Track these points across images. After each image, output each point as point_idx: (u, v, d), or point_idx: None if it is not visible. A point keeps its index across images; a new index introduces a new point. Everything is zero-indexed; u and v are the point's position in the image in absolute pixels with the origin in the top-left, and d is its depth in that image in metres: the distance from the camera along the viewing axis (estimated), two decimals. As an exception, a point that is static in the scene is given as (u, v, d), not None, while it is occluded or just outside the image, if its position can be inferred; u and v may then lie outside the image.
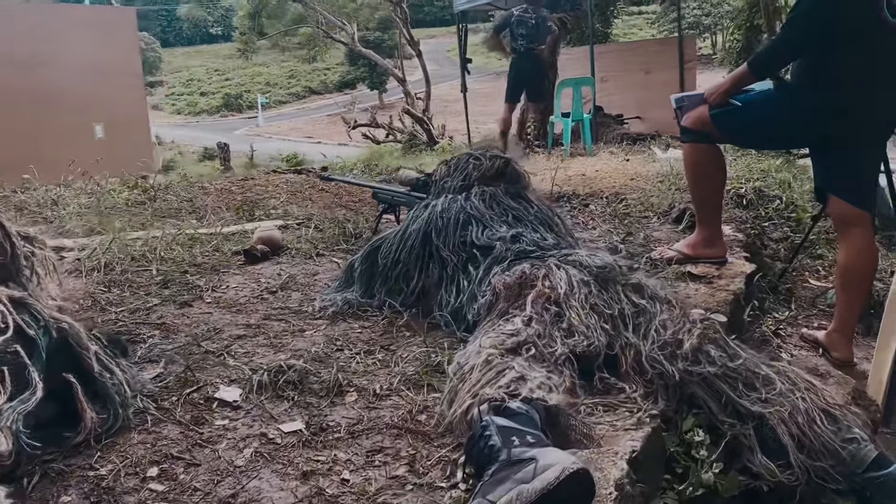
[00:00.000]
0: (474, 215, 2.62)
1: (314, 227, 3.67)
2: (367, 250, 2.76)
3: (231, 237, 3.47)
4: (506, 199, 2.76)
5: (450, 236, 2.57)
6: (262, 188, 4.67)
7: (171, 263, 3.02)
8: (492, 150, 2.88)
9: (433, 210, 2.67)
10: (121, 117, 7.11)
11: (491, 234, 2.55)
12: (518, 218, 2.69)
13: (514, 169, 2.80)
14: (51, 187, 4.34)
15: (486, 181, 2.77)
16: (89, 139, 6.88)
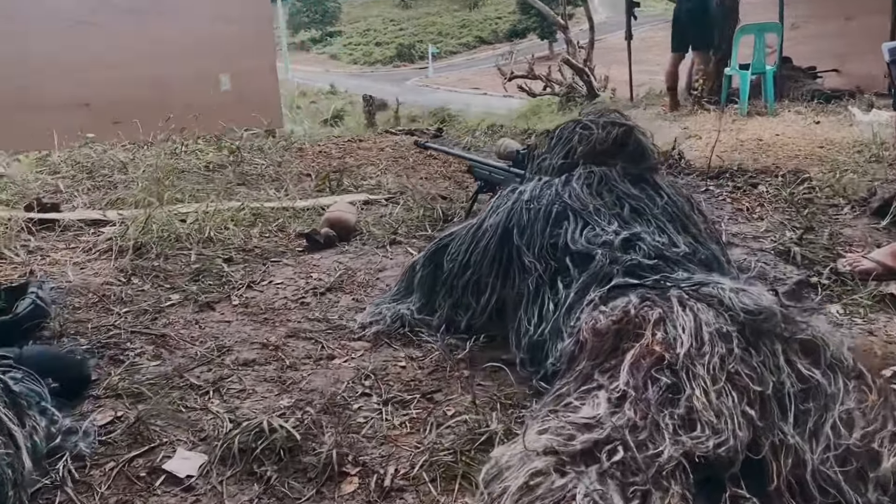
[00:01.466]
0: (573, 207, 1.92)
1: (402, 205, 3.08)
2: (431, 248, 2.17)
3: (302, 213, 2.97)
4: (622, 183, 2.03)
5: (535, 236, 1.90)
6: (366, 152, 4.15)
7: (218, 246, 2.56)
8: (609, 114, 2.13)
9: (518, 198, 1.99)
10: (248, 68, 6.88)
11: (593, 236, 1.85)
12: (637, 212, 1.96)
13: (637, 141, 2.05)
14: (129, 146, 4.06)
15: (596, 158, 2.05)
16: (215, 90, 6.70)
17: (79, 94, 5.99)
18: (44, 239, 2.62)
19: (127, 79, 6.16)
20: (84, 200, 3.01)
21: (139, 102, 5.96)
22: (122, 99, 6.01)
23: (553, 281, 1.79)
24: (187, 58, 6.52)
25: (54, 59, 5.87)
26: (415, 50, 41.61)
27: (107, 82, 6.09)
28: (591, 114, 2.11)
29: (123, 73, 6.15)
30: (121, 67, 6.15)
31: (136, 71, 6.22)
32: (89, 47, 6.04)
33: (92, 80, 6.04)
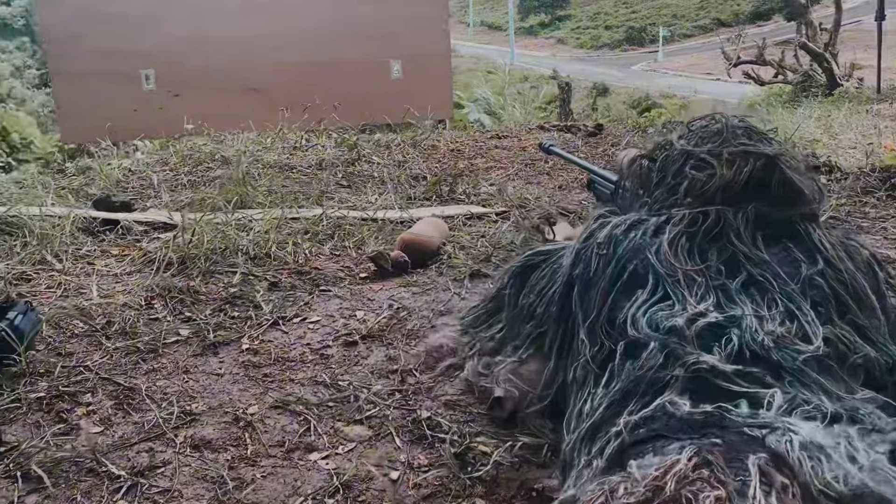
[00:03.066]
0: (655, 267, 1.28)
1: (512, 222, 2.51)
2: (517, 265, 1.69)
3: (391, 227, 2.51)
4: (746, 238, 1.35)
5: (594, 300, 1.31)
6: (502, 151, 3.61)
7: (271, 266, 2.18)
8: (747, 128, 1.45)
9: (588, 243, 1.39)
10: (420, 55, 6.56)
11: (664, 316, 1.22)
12: (758, 284, 1.29)
13: (784, 178, 1.35)
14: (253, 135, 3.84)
15: (718, 198, 1.38)
16: (385, 77, 6.47)
17: (248, 78, 6.03)
18: (102, 242, 2.40)
19: (296, 64, 6.11)
20: (165, 199, 2.78)
21: (307, 88, 5.86)
22: (291, 85, 5.97)
23: (602, 371, 1.20)
24: (358, 43, 6.35)
25: (225, 43, 5.94)
26: (645, 33, 40.27)
27: (276, 67, 6.07)
28: (707, 133, 1.43)
29: (293, 57, 6.09)
30: (290, 51, 6.10)
31: (306, 56, 6.14)
32: (259, 31, 6.05)
33: (261, 64, 6.04)
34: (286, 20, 6.16)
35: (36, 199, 2.63)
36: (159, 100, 5.88)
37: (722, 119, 1.52)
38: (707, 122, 1.55)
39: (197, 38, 5.91)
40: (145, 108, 5.77)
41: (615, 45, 40.82)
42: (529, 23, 45.68)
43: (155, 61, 5.90)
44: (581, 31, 43.38)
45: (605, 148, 3.56)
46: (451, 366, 1.63)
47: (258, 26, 6.08)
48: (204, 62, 5.92)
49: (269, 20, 6.12)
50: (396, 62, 6.56)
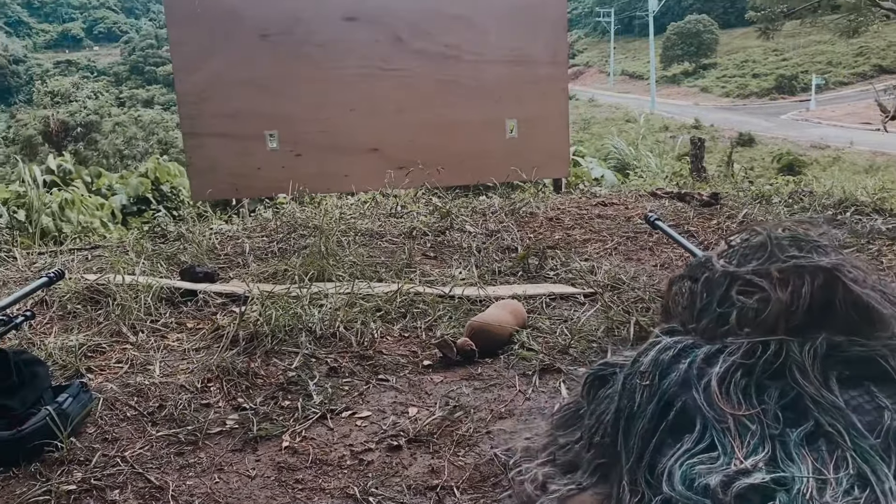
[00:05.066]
0: (703, 410, 1.09)
1: (601, 306, 2.30)
2: (590, 375, 1.50)
3: (464, 305, 2.37)
4: (814, 375, 1.13)
5: (635, 441, 1.11)
6: (604, 221, 3.38)
7: (335, 346, 2.10)
8: (794, 237, 1.25)
9: (638, 363, 1.22)
10: (537, 114, 6.43)
11: (703, 471, 1.01)
12: (826, 436, 1.05)
13: (851, 296, 1.13)
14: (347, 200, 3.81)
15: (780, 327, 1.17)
16: (500, 137, 6.38)
17: (369, 139, 6.13)
18: (180, 314, 2.41)
19: (415, 123, 6.16)
20: (253, 269, 2.79)
21: (424, 148, 5.90)
22: (409, 144, 6.02)
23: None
24: (475, 101, 6.32)
25: (348, 104, 6.09)
26: (797, 81, 38.70)
27: (395, 127, 6.15)
28: (749, 248, 1.22)
29: (411, 117, 6.15)
30: (409, 111, 6.17)
31: (424, 115, 6.19)
32: (380, 91, 6.15)
33: (381, 124, 6.14)
34: (406, 82, 6.25)
35: (127, 266, 2.71)
36: (282, 159, 6.10)
37: (764, 230, 1.30)
38: (748, 234, 1.33)
39: (319, 100, 6.11)
40: (268, 167, 6.00)
41: (763, 93, 39.44)
42: (672, 71, 44.99)
43: (279, 123, 6.15)
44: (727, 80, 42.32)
45: (721, 220, 3.25)
46: (498, 485, 1.46)
47: (379, 87, 6.21)
48: (325, 123, 6.10)
49: (389, 81, 6.24)
50: (512, 121, 6.48)
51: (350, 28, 6.35)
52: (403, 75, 6.32)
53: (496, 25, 6.45)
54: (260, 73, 6.12)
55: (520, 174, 4.84)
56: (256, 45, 6.15)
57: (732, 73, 43.24)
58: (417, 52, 6.39)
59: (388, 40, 6.39)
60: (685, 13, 46.37)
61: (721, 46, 44.66)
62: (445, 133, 6.27)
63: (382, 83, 6.28)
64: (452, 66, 6.46)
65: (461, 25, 6.45)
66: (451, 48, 6.45)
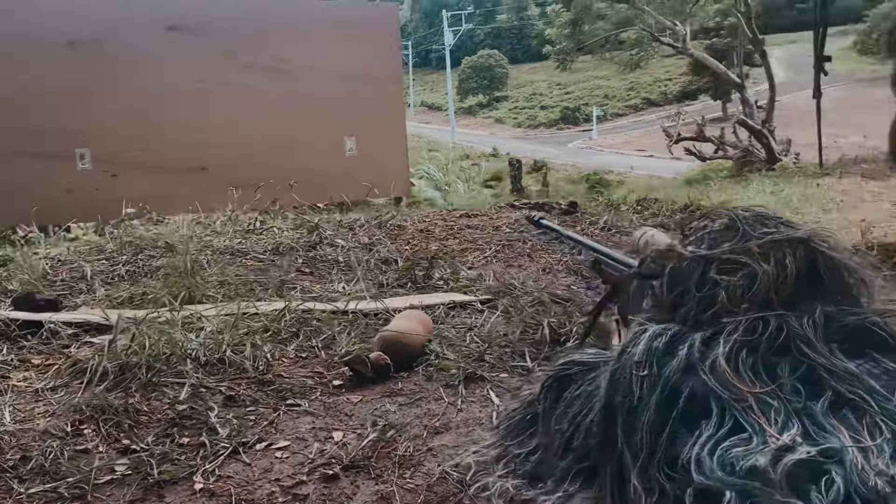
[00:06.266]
0: (717, 392, 1.02)
1: (501, 312, 2.24)
2: (550, 378, 1.42)
3: (364, 321, 2.21)
4: (820, 346, 1.11)
5: (643, 434, 1.02)
6: (475, 231, 3.36)
7: (228, 374, 1.84)
8: (759, 214, 1.26)
9: (626, 354, 1.14)
10: (376, 131, 6.37)
11: (740, 454, 0.95)
12: (851, 405, 1.02)
13: (832, 263, 1.15)
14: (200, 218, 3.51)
15: (774, 301, 1.14)
16: (338, 155, 6.23)
17: (196, 157, 5.70)
18: (21, 350, 2.03)
19: (247, 141, 5.83)
20: (100, 294, 2.42)
21: (258, 167, 5.59)
22: (241, 163, 5.68)
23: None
24: (311, 118, 6.13)
25: (172, 120, 5.63)
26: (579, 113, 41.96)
27: (225, 144, 5.78)
28: (713, 231, 1.21)
29: (243, 134, 5.82)
30: (240, 128, 5.83)
31: (257, 132, 5.87)
32: (207, 107, 5.77)
33: (209, 142, 5.74)
34: (237, 97, 5.90)
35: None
36: (96, 181, 5.50)
37: (725, 213, 1.30)
38: (706, 220, 1.34)
39: (139, 115, 5.59)
40: (80, 189, 5.37)
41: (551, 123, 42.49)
42: (468, 103, 47.17)
43: (91, 140, 5.54)
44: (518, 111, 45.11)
45: (584, 227, 3.35)
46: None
47: (207, 102, 5.81)
48: (145, 141, 5.58)
49: (218, 96, 5.86)
50: (351, 139, 6.33)
51: (173, 38, 5.89)
52: (233, 90, 5.96)
53: (332, 41, 6.31)
54: (68, 85, 5.48)
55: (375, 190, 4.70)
56: (63, 54, 5.52)
57: (523, 105, 46.32)
58: (248, 66, 6.07)
59: (216, 53, 6.01)
60: (477, 48, 49.04)
61: (511, 80, 47.69)
62: (281, 151, 5.99)
63: (210, 98, 5.88)
64: (287, 82, 6.21)
65: (295, 40, 6.23)
66: (284, 63, 6.21)
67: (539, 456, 1.36)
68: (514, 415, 1.52)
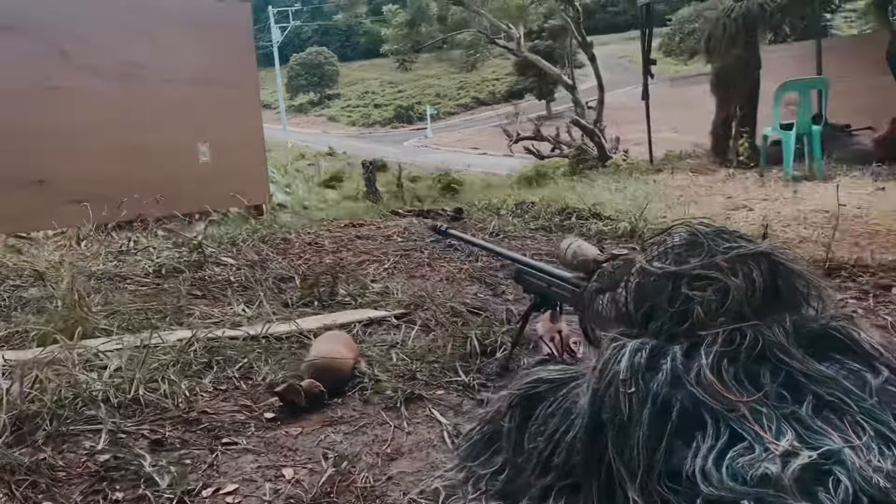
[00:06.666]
0: (708, 404, 1.08)
1: (420, 326, 2.22)
2: (515, 397, 1.38)
3: (279, 346, 2.11)
4: (797, 355, 1.20)
5: (639, 449, 1.07)
6: (367, 242, 3.31)
7: (146, 415, 1.69)
8: (719, 229, 1.35)
9: (608, 372, 1.17)
10: (231, 137, 6.10)
11: (746, 463, 1.03)
12: (832, 407, 1.12)
13: (793, 274, 1.25)
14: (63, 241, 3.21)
15: (747, 313, 1.22)
16: (192, 162, 5.91)
17: (31, 168, 5.15)
18: None
19: (92, 150, 5.36)
20: (-32, 334, 2.15)
21: (104, 178, 5.17)
22: (85, 174, 5.21)
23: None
24: (162, 125, 5.74)
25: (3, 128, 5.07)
26: (413, 111, 42.43)
27: (66, 154, 5.28)
28: (676, 247, 1.29)
29: (87, 142, 5.34)
30: (84, 136, 5.35)
31: (103, 140, 5.42)
32: (43, 113, 5.24)
33: (47, 151, 5.22)
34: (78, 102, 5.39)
35: None
36: None
37: (687, 229, 1.38)
38: (665, 236, 1.41)
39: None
40: None
41: (385, 122, 42.76)
42: (299, 101, 46.35)
43: None
44: (351, 109, 45.02)
45: (474, 233, 3.40)
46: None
47: (43, 108, 5.26)
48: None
49: (56, 101, 5.32)
50: (204, 145, 5.98)
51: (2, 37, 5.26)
52: (73, 94, 5.43)
53: (181, 43, 5.94)
54: None
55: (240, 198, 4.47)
56: None
57: (356, 103, 46.33)
58: (89, 69, 5.55)
59: (51, 54, 5.44)
60: (305, 45, 48.38)
61: (342, 78, 47.46)
62: (129, 160, 5.54)
63: (47, 103, 5.31)
64: (134, 86, 5.75)
65: (141, 42, 5.79)
66: (130, 65, 5.74)
67: (508, 474, 1.36)
68: (473, 435, 1.51)
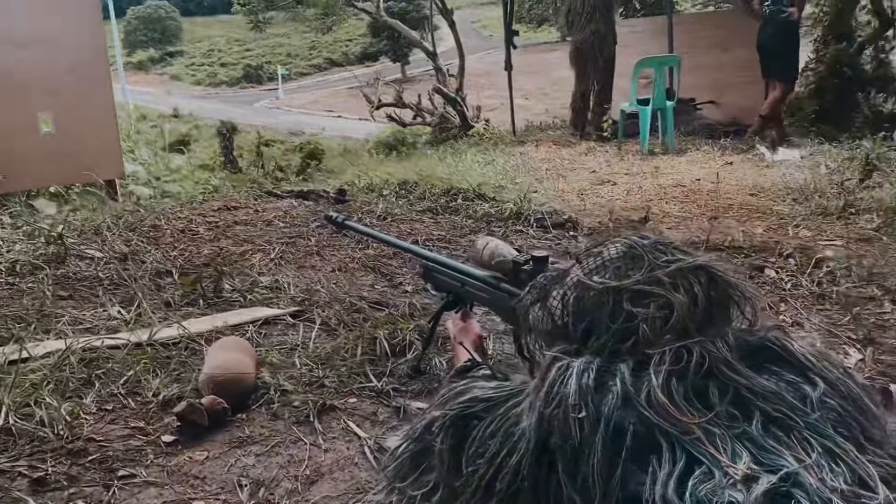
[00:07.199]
0: (661, 426, 1.07)
1: (319, 325, 2.10)
2: (450, 416, 1.30)
3: (167, 354, 1.92)
4: (739, 367, 1.20)
5: (594, 477, 1.05)
6: (247, 228, 3.10)
7: (21, 447, 1.48)
8: (657, 241, 1.33)
9: (556, 394, 1.13)
10: (77, 106, 5.53)
11: (709, 490, 1.01)
12: (778, 423, 1.12)
13: (730, 287, 1.27)
14: None
15: (690, 329, 1.21)
16: (33, 134, 5.30)
17: None
18: None
19: None
20: None
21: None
22: None
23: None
24: (-2, 94, 5.08)
25: None
26: (263, 71, 40.80)
27: None
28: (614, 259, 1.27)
29: None
30: None
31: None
32: None
33: None
34: None
35: None
36: None
37: (624, 241, 1.36)
38: (602, 248, 1.38)
39: None
40: None
41: (233, 82, 40.91)
42: (138, 58, 43.25)
43: None
44: (196, 68, 42.72)
45: (361, 217, 3.27)
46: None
47: None
48: None
49: None
50: (46, 115, 5.33)
51: None
52: None
53: (17, 2, 5.24)
54: None
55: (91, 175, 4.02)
56: None
57: (201, 61, 43.93)
58: None
59: None
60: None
61: (185, 34, 44.85)
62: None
63: None
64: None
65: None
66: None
67: (441, 496, 1.31)
68: (399, 453, 1.44)
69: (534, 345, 1.42)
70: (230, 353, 1.82)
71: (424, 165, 5.88)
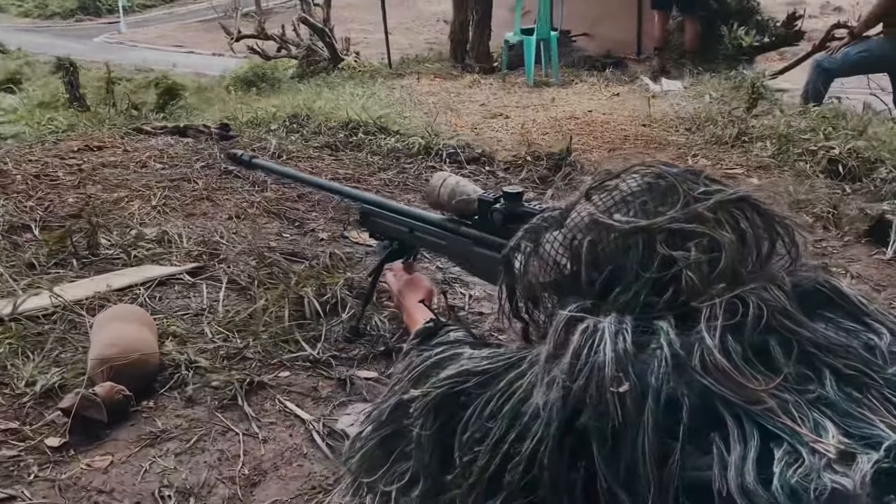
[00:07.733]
0: (726, 397, 0.86)
1: (227, 284, 1.76)
2: (431, 399, 1.02)
3: (37, 326, 1.53)
4: (801, 318, 0.99)
5: (645, 462, 0.82)
6: (117, 170, 2.63)
7: None
8: (687, 170, 1.09)
9: (585, 363, 0.89)
10: None
11: (803, 470, 0.81)
12: (852, 381, 0.93)
13: (779, 222, 1.06)
14: None
15: (742, 277, 0.99)
16: None
17: None
18: None
19: None
20: None
21: None
22: None
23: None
24: None
25: None
26: (101, 2, 37.50)
27: None
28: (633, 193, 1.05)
29: None
30: None
31: None
32: None
33: None
34: None
35: None
36: None
37: (650, 171, 1.13)
38: (616, 180, 1.14)
39: None
40: None
41: (67, 14, 37.57)
42: (-51, -17, 38.44)
43: None
44: (23, -1, 38.70)
45: (257, 151, 2.86)
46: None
47: None
48: None
49: None
50: None
51: None
52: None
53: None
54: None
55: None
56: None
57: (29, -12, 39.75)
58: None
59: None
60: None
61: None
62: None
63: None
64: None
65: None
66: None
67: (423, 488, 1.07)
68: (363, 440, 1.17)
69: (532, 302, 1.18)
70: (124, 325, 1.46)
71: (304, 99, 5.41)
